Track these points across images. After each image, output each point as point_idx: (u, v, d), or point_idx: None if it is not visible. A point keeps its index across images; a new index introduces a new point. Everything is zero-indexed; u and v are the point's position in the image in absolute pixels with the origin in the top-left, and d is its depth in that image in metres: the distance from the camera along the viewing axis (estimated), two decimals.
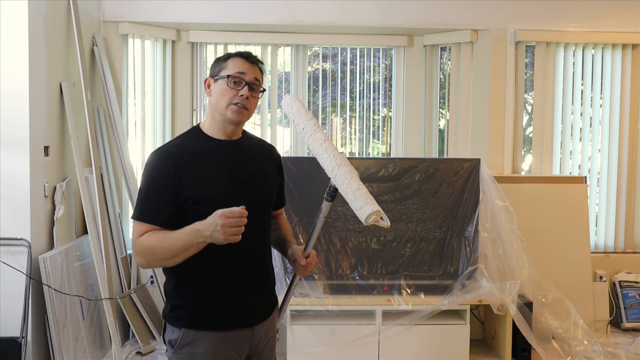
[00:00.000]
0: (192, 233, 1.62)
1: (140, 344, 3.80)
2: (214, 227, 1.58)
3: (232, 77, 1.75)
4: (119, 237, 3.98)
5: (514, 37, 4.36)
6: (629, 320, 4.37)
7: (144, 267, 1.75)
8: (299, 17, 4.28)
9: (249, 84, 1.77)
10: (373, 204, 1.68)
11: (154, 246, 1.66)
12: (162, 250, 1.65)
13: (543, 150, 4.49)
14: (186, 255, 1.65)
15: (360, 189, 1.71)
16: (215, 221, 1.58)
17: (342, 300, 3.65)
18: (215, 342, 1.76)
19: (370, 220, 1.67)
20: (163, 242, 1.65)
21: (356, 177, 1.73)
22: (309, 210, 3.59)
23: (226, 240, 1.59)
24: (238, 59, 1.79)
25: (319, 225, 1.87)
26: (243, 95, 1.75)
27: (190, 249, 1.64)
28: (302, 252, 1.90)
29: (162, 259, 1.68)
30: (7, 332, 3.05)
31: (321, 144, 1.78)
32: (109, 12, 4.13)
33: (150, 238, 1.67)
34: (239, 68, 1.77)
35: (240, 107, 1.75)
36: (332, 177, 1.76)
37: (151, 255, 1.68)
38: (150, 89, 4.39)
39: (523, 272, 3.77)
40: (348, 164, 1.76)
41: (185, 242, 1.63)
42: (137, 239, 1.69)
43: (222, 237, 1.58)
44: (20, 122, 3.14)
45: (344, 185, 1.72)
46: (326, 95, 4.68)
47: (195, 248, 1.64)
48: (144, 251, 1.68)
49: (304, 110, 1.84)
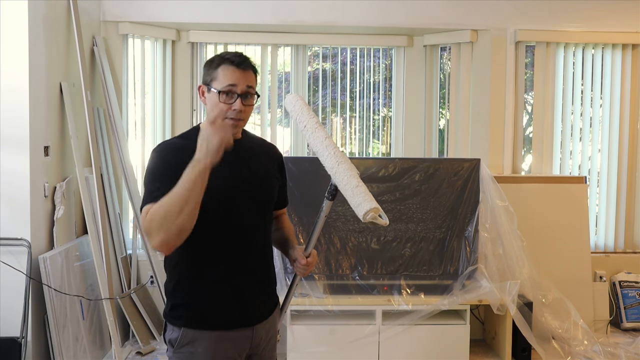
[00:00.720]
0: (189, 167, 1.57)
1: (140, 344, 3.79)
2: (206, 140, 1.55)
3: (223, 92, 1.71)
4: (119, 237, 3.98)
5: (514, 37, 4.36)
6: (629, 320, 4.37)
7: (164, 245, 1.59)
8: (299, 17, 4.28)
9: (242, 95, 1.72)
10: (371, 201, 1.67)
11: (163, 207, 1.56)
12: (172, 205, 1.55)
13: (543, 150, 4.49)
14: (195, 196, 1.56)
15: (360, 186, 1.71)
16: (204, 135, 1.57)
17: (342, 300, 3.65)
18: (215, 341, 1.75)
19: (368, 218, 1.67)
20: (169, 198, 1.57)
21: (356, 175, 1.73)
22: (310, 210, 3.60)
23: (222, 141, 1.55)
24: (228, 67, 1.72)
25: (319, 224, 1.87)
26: (236, 109, 1.72)
27: (197, 183, 1.55)
28: (303, 252, 1.90)
29: (176, 215, 1.55)
30: (7, 332, 3.05)
31: (322, 142, 1.78)
32: (109, 12, 4.13)
33: (155, 205, 1.59)
34: (230, 80, 1.71)
35: (235, 121, 1.73)
36: (332, 175, 1.76)
37: (164, 218, 1.55)
38: (150, 89, 4.39)
39: (523, 272, 3.77)
40: (348, 161, 1.76)
41: (188, 180, 1.55)
42: (144, 220, 1.60)
43: (218, 138, 1.55)
44: (20, 122, 3.14)
45: (343, 182, 1.72)
46: (326, 95, 4.68)
47: (201, 181, 1.56)
48: (157, 220, 1.57)
49: (306, 108, 1.84)
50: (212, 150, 1.55)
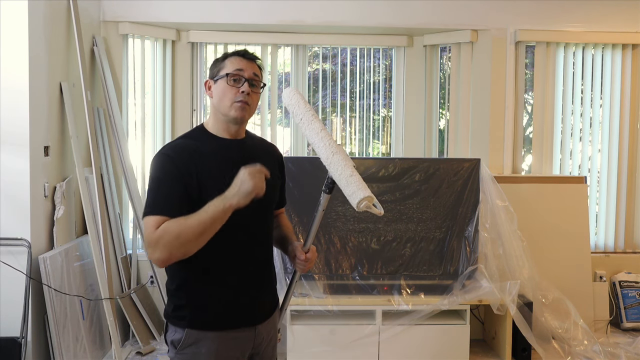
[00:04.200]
0: (217, 201, 1.60)
1: (140, 344, 3.79)
2: (240, 181, 1.60)
3: (231, 75, 1.76)
4: (119, 237, 3.98)
5: (514, 37, 4.36)
6: (629, 320, 4.37)
7: (164, 261, 1.61)
8: (299, 17, 4.28)
9: (249, 80, 1.78)
10: (365, 190, 1.67)
11: (178, 228, 1.57)
12: (189, 229, 1.57)
13: (543, 150, 4.49)
14: (212, 230, 1.59)
15: (353, 175, 1.71)
16: (240, 176, 1.61)
17: (342, 300, 3.65)
18: (219, 342, 1.75)
19: (362, 206, 1.67)
20: (187, 221, 1.58)
21: (350, 165, 1.73)
22: (309, 210, 3.57)
23: (254, 189, 1.59)
24: (235, 57, 1.80)
25: (317, 218, 1.87)
26: (244, 91, 1.76)
27: (217, 219, 1.58)
28: (302, 248, 1.90)
29: (187, 240, 1.58)
30: (7, 332, 3.05)
31: (317, 134, 1.79)
32: (109, 12, 4.13)
33: (171, 223, 1.59)
34: (237, 65, 1.78)
35: (243, 103, 1.76)
36: (327, 165, 1.77)
37: (175, 239, 1.57)
38: (150, 89, 4.39)
39: (523, 272, 3.77)
40: (343, 152, 1.77)
41: (212, 213, 1.58)
42: (154, 231, 1.59)
43: (252, 184, 1.58)
44: (20, 122, 3.14)
45: (338, 172, 1.73)
46: (326, 96, 4.68)
47: (222, 218, 1.59)
48: (167, 238, 1.57)
49: (302, 101, 1.86)
50: (243, 193, 1.59)
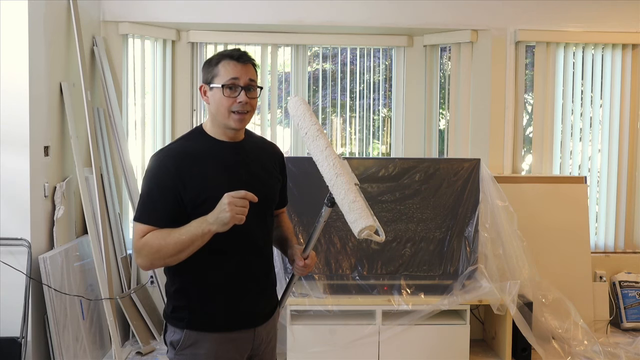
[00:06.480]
0: (197, 223, 1.62)
1: (140, 344, 3.79)
2: (220, 209, 1.59)
3: (227, 86, 1.72)
4: (119, 237, 3.98)
5: (514, 37, 4.36)
6: (629, 320, 4.37)
7: (146, 269, 1.72)
8: (299, 17, 4.28)
9: (245, 88, 1.73)
10: (367, 218, 1.63)
11: (159, 243, 1.64)
12: (168, 246, 1.63)
13: (543, 150, 4.49)
14: (192, 249, 1.64)
15: (357, 201, 1.66)
16: (221, 203, 1.60)
17: (342, 300, 3.65)
18: (218, 343, 1.75)
19: (364, 235, 1.63)
20: (168, 237, 1.63)
21: (354, 189, 1.69)
22: (309, 210, 3.59)
23: (232, 220, 1.58)
24: (229, 61, 1.73)
25: (318, 229, 1.86)
26: (241, 102, 1.72)
27: (196, 241, 1.62)
28: (302, 253, 1.89)
29: (167, 256, 1.65)
30: (7, 332, 3.05)
31: (322, 151, 1.74)
32: (109, 12, 4.13)
33: (154, 235, 1.65)
34: (232, 73, 1.72)
35: (242, 113, 1.74)
36: (330, 187, 1.73)
37: (156, 253, 1.65)
38: (150, 89, 4.39)
39: (523, 272, 3.77)
40: (348, 173, 1.73)
41: (191, 234, 1.61)
42: (139, 239, 1.67)
43: (229, 216, 1.57)
44: (20, 122, 3.14)
45: (341, 196, 1.69)
46: (326, 96, 4.68)
47: (201, 240, 1.62)
48: (148, 250, 1.65)
49: (309, 113, 1.81)
50: (221, 222, 1.60)
